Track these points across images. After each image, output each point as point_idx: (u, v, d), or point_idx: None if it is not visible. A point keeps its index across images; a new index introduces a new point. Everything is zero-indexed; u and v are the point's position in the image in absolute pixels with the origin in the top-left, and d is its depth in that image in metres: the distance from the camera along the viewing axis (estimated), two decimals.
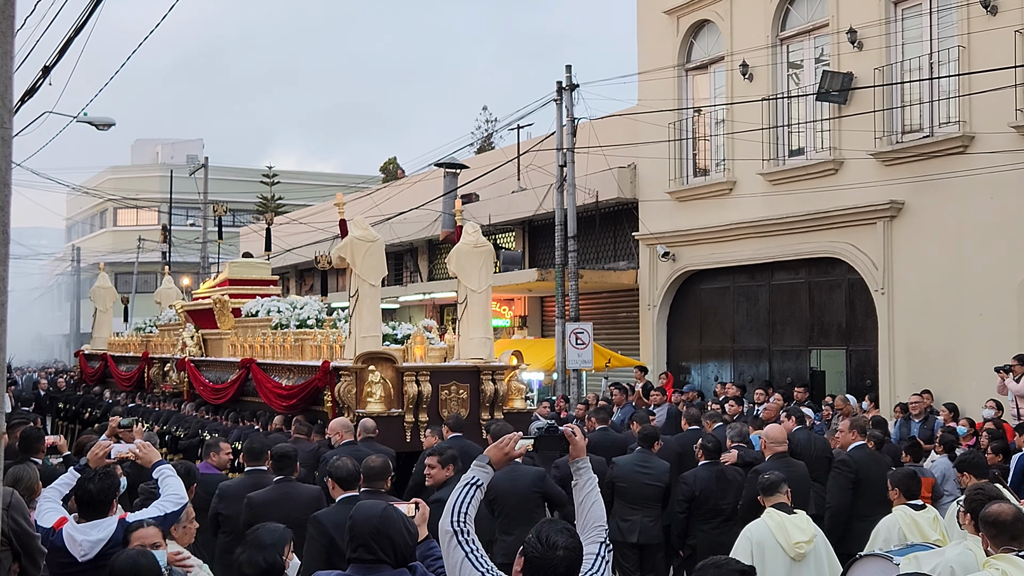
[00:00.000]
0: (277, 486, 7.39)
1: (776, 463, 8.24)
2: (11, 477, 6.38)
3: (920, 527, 6.69)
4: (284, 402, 12.42)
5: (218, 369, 15.14)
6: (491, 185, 24.95)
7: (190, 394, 15.78)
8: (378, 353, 11.38)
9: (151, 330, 19.83)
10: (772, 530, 6.46)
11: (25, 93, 14.38)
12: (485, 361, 11.88)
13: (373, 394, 11.10)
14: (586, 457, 4.21)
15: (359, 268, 11.58)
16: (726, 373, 20.06)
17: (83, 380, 22.68)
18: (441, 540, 3.84)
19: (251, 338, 14.31)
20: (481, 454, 4.11)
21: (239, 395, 14.00)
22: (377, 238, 12.01)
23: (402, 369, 11.39)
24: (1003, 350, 13.87)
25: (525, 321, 26.47)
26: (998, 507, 5.06)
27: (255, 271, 16.97)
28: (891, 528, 6.74)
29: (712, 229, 19.62)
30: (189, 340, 16.21)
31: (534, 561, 3.41)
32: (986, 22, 14.91)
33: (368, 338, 11.48)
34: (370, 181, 45.67)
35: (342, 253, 11.73)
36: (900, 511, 6.84)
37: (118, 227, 58.64)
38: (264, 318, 14.23)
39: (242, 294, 15.63)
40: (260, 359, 13.52)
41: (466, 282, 12.07)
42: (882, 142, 16.45)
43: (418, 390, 11.32)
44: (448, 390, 11.62)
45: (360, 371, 11.25)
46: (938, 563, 5.51)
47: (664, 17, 20.89)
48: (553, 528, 3.49)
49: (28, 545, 4.60)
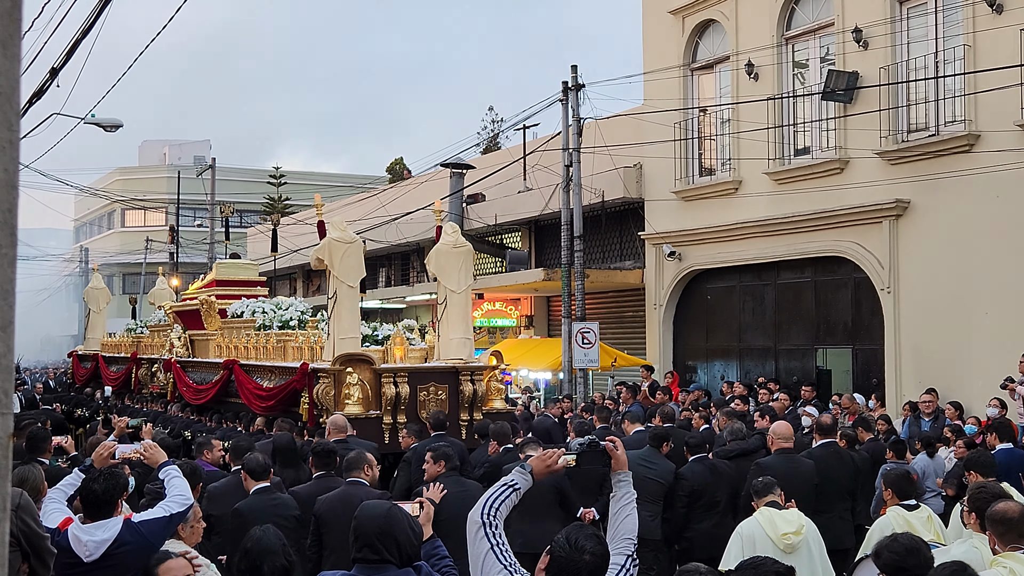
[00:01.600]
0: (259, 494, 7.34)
1: (780, 459, 8.33)
2: (17, 477, 6.40)
3: (913, 527, 6.59)
4: (263, 403, 12.49)
5: (202, 370, 15.21)
6: (497, 185, 24.97)
7: (174, 395, 15.84)
8: (356, 355, 11.43)
9: (142, 331, 19.91)
10: (762, 524, 6.54)
11: (33, 95, 14.43)
12: (464, 362, 11.90)
13: (351, 396, 11.15)
14: (628, 471, 4.24)
15: (337, 270, 11.62)
16: (732, 372, 20.06)
17: (75, 381, 22.81)
18: (468, 530, 3.86)
19: (236, 339, 14.37)
20: (524, 462, 4.16)
21: (222, 396, 14.06)
22: (355, 239, 12.03)
23: (380, 371, 11.41)
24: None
25: (531, 321, 26.48)
26: (1005, 505, 5.05)
27: (242, 272, 17.08)
28: (884, 529, 6.62)
29: (718, 228, 19.61)
30: (176, 341, 16.28)
31: (559, 561, 3.46)
32: (992, 21, 14.90)
33: (346, 340, 11.53)
34: (377, 181, 45.70)
35: (320, 255, 11.80)
36: (893, 512, 6.80)
37: (126, 228, 58.79)
38: (249, 319, 14.30)
39: (229, 295, 15.72)
40: (244, 360, 13.57)
41: (445, 283, 12.11)
42: (888, 141, 16.44)
43: (396, 391, 11.36)
44: (427, 391, 11.65)
45: (338, 373, 11.30)
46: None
47: (669, 17, 20.88)
48: (583, 533, 3.54)
49: (37, 546, 4.61)
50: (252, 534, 4.54)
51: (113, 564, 5.09)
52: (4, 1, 1.53)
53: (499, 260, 27.32)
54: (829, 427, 9.37)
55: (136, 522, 5.26)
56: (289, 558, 4.47)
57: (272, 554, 4.36)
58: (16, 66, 1.53)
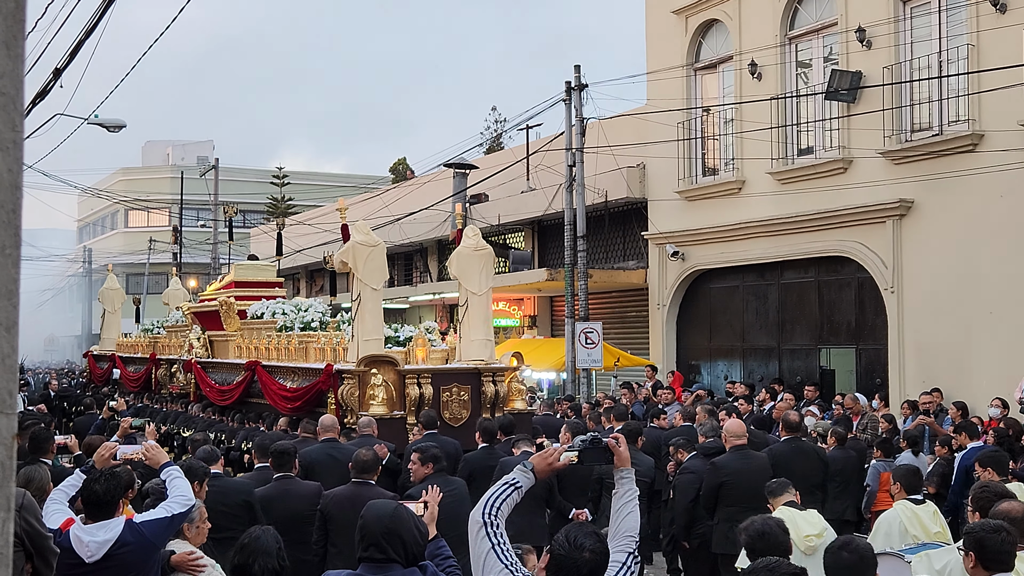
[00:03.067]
0: (278, 483, 7.68)
1: (734, 455, 8.66)
2: (22, 478, 6.41)
3: (921, 520, 6.87)
4: (289, 404, 12.58)
5: (224, 371, 15.27)
6: (500, 185, 24.97)
7: (196, 395, 15.89)
8: (380, 356, 11.56)
9: (159, 331, 19.94)
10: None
11: (36, 96, 14.44)
12: (486, 363, 12.02)
13: (376, 396, 11.26)
14: (631, 468, 4.24)
15: (361, 272, 11.75)
16: (736, 372, 20.05)
17: (91, 381, 22.78)
18: (470, 530, 3.86)
19: (256, 340, 14.42)
20: (525, 460, 4.14)
21: (245, 396, 14.14)
22: (379, 243, 12.17)
23: (404, 372, 11.54)
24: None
25: (535, 321, 26.48)
26: (1008, 505, 5.11)
27: (260, 273, 17.13)
28: (892, 522, 6.94)
29: (721, 228, 19.60)
30: (196, 342, 16.34)
31: (559, 559, 3.46)
32: (995, 20, 14.88)
33: (370, 341, 11.67)
34: (380, 181, 45.72)
35: (344, 258, 11.92)
36: (901, 505, 7.03)
37: (129, 228, 58.82)
38: (269, 320, 14.37)
39: (248, 296, 15.78)
40: (265, 361, 13.66)
41: (467, 285, 12.22)
42: (891, 141, 16.42)
43: (419, 392, 11.48)
44: (449, 392, 11.75)
45: (363, 374, 11.42)
46: (949, 560, 5.59)
47: (672, 17, 20.87)
48: (582, 531, 3.54)
49: (41, 546, 4.61)
50: (251, 531, 4.71)
51: (115, 564, 5.10)
52: (7, 2, 1.53)
53: (502, 260, 27.29)
54: (795, 424, 9.76)
55: (138, 523, 5.26)
56: (283, 561, 4.59)
57: (266, 555, 4.51)
58: (20, 67, 1.53)
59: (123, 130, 21.31)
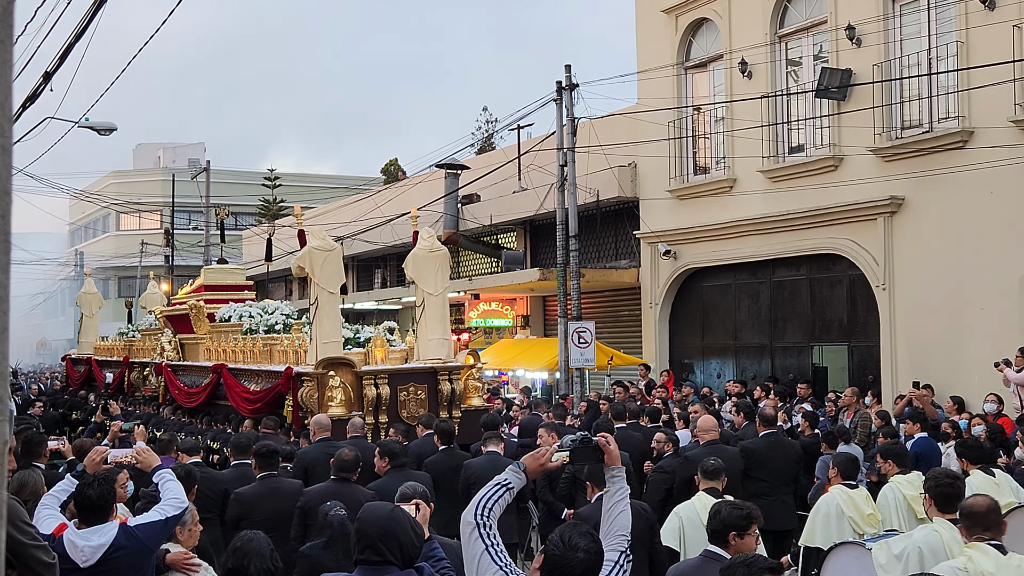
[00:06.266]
0: (263, 482, 7.81)
1: (708, 449, 9.01)
2: (16, 483, 6.40)
3: (855, 502, 7.58)
4: (249, 406, 12.93)
5: (192, 373, 15.55)
6: (492, 185, 24.96)
7: (165, 398, 16.09)
8: (338, 359, 11.83)
9: (134, 335, 20.05)
10: (698, 511, 7.00)
11: (26, 99, 14.38)
12: (442, 361, 12.29)
13: (334, 398, 11.51)
14: (621, 467, 4.23)
15: (318, 277, 12.04)
16: (729, 370, 20.07)
17: (68, 384, 22.89)
18: (463, 531, 3.84)
19: (224, 343, 14.69)
20: (517, 461, 4.13)
21: (212, 399, 14.39)
22: (335, 247, 12.47)
23: (361, 373, 11.82)
24: (1004, 344, 13.88)
25: (527, 321, 26.48)
26: (974, 499, 5.40)
27: (230, 277, 17.56)
28: (830, 503, 7.64)
29: (713, 227, 19.63)
30: (167, 345, 16.56)
31: (554, 559, 3.47)
32: (984, 17, 14.92)
33: (328, 344, 11.93)
34: (371, 182, 45.65)
35: (301, 263, 12.33)
36: (837, 489, 7.71)
37: (121, 231, 58.69)
38: (236, 323, 14.61)
39: (218, 299, 16.13)
40: (232, 364, 13.93)
41: (423, 286, 12.54)
42: (882, 138, 16.46)
43: (377, 392, 11.74)
44: (407, 391, 12.05)
45: (321, 376, 11.66)
46: (906, 545, 5.86)
47: (663, 16, 20.89)
48: (576, 531, 3.54)
49: (21, 553, 4.52)
50: (243, 535, 4.81)
51: (110, 569, 5.09)
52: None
53: (495, 260, 27.31)
54: (771, 418, 10.15)
55: (132, 526, 5.25)
56: (276, 563, 4.71)
57: (260, 557, 4.63)
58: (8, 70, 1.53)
59: (113, 133, 21.20)
